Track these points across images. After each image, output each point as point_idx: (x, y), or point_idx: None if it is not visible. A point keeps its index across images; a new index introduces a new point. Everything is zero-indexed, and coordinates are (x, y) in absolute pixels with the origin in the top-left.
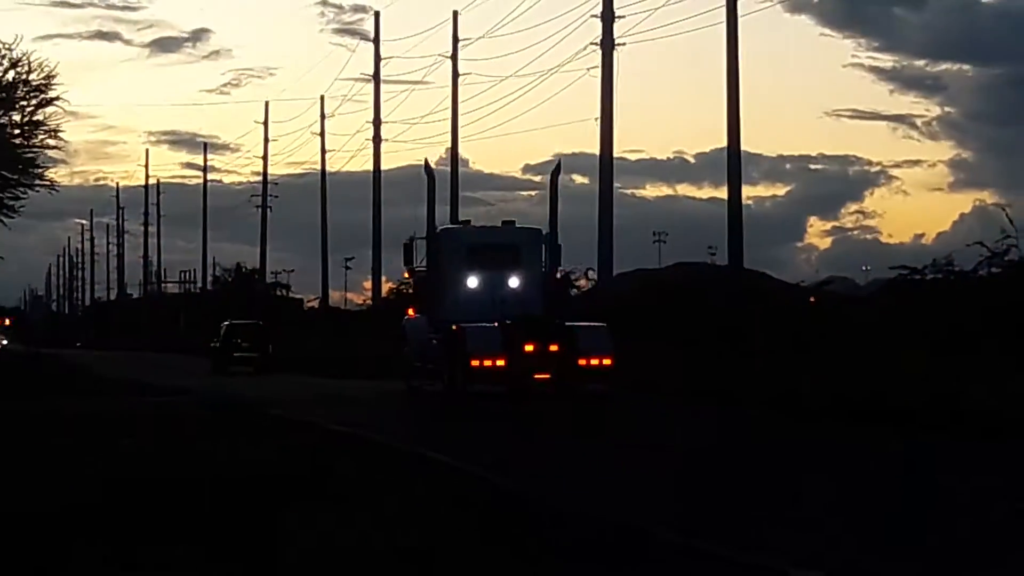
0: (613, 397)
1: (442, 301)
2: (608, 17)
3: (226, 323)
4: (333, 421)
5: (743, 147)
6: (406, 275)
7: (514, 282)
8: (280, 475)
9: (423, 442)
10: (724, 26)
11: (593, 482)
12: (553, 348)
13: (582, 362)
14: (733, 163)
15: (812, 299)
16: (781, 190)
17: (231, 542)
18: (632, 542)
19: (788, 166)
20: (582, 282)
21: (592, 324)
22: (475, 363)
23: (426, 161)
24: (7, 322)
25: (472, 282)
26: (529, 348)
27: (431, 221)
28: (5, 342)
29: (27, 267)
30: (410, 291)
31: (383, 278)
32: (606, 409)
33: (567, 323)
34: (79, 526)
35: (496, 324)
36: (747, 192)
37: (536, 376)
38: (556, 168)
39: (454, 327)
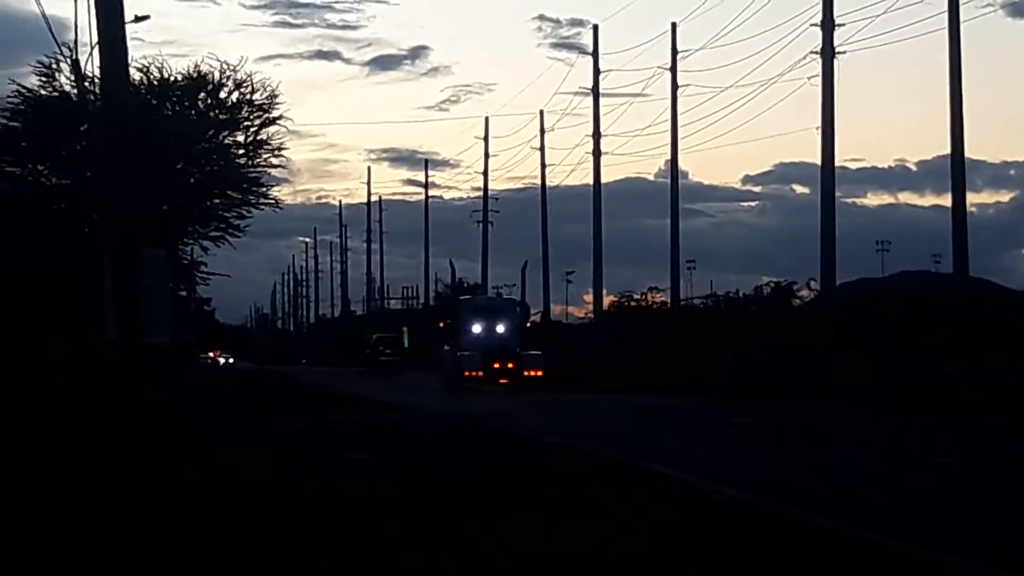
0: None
1: (459, 339)
2: (828, 25)
3: (375, 335)
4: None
5: (966, 153)
6: (441, 325)
7: (500, 329)
8: None
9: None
10: (946, 31)
11: None
12: (510, 365)
13: (526, 373)
14: (957, 169)
15: None
16: (1005, 196)
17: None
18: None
19: (1012, 172)
20: (804, 292)
21: (534, 352)
22: (467, 374)
23: (450, 261)
24: (234, 340)
25: (475, 328)
26: (496, 366)
27: (454, 292)
28: (232, 360)
29: (253, 285)
30: (632, 304)
31: (603, 291)
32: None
33: (520, 351)
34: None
35: (478, 352)
36: (971, 199)
37: (500, 380)
38: (524, 265)
39: (457, 354)
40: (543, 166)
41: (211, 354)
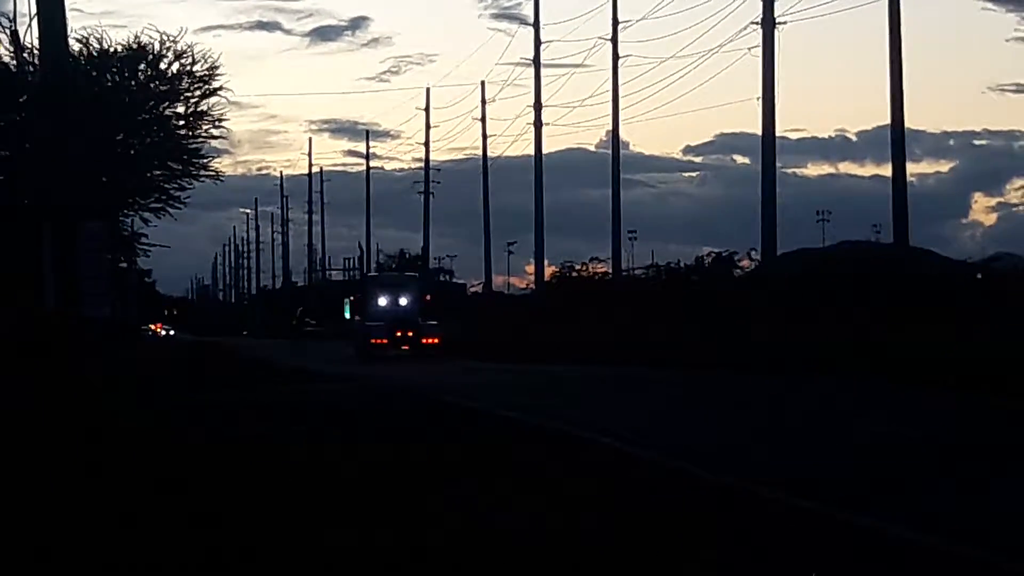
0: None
1: (366, 312)
2: None
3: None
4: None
5: (906, 124)
6: (351, 299)
7: (403, 301)
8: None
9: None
10: (886, 2)
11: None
12: (410, 334)
13: (424, 340)
14: (897, 140)
15: (979, 275)
16: (945, 167)
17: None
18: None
19: (951, 142)
20: (744, 262)
21: (431, 322)
22: (373, 341)
23: (359, 243)
24: (174, 312)
25: (381, 302)
26: (399, 334)
27: (363, 270)
28: (172, 332)
29: (194, 256)
30: (573, 274)
31: (545, 262)
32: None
33: (420, 321)
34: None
35: (383, 323)
36: (911, 169)
37: (402, 347)
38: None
39: (366, 324)
40: (484, 137)
41: (152, 326)
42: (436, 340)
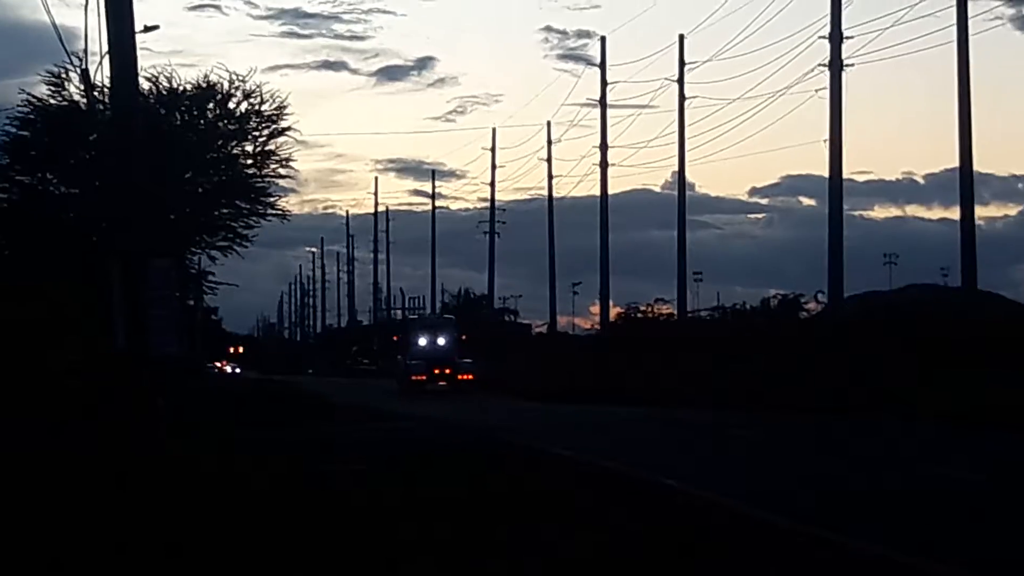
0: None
1: (408, 351)
2: (836, 37)
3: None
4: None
5: (975, 166)
6: (395, 338)
7: (441, 341)
8: None
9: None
10: (955, 44)
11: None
12: (448, 371)
13: (460, 377)
14: (965, 182)
15: None
16: (1013, 210)
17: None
18: None
19: (1020, 185)
20: (811, 305)
21: (466, 360)
22: (412, 378)
23: (400, 290)
24: (240, 350)
25: (421, 342)
26: (436, 372)
27: (404, 313)
28: (238, 370)
29: (260, 295)
30: (638, 315)
31: (611, 302)
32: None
33: (456, 360)
34: None
35: (423, 361)
36: (979, 212)
37: (440, 383)
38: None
39: (408, 362)
40: (550, 177)
41: (218, 364)
42: (471, 376)
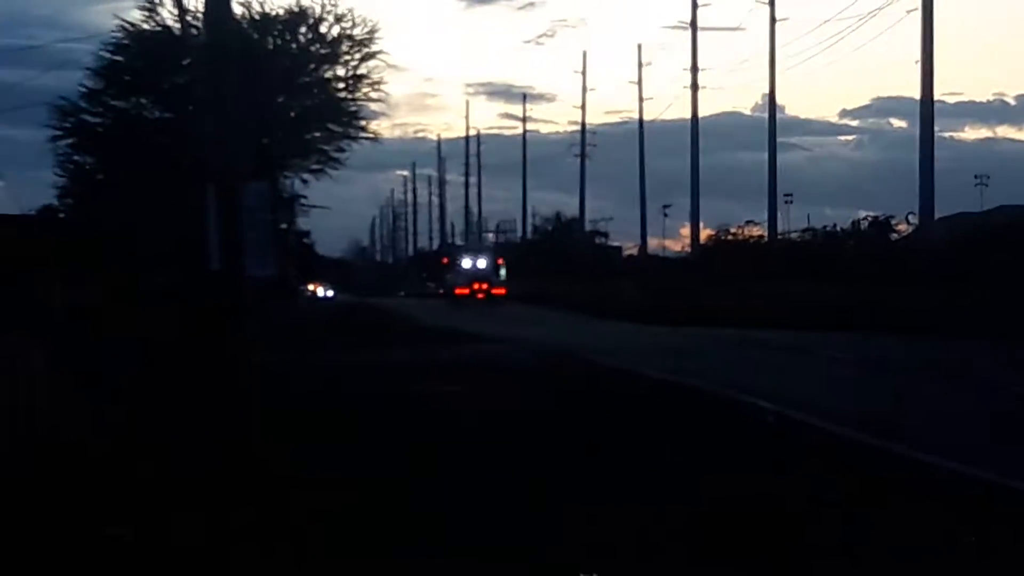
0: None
1: (454, 270)
2: None
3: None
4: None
5: None
6: (444, 261)
7: (482, 264)
8: None
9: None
10: None
11: None
12: (484, 286)
13: (495, 291)
14: None
15: None
16: None
17: None
18: None
19: None
20: (901, 226)
21: (502, 277)
22: (456, 291)
23: (452, 223)
24: (333, 272)
25: (465, 263)
26: (475, 286)
27: (443, 240)
28: (331, 293)
29: (352, 218)
30: (729, 237)
31: (701, 224)
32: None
33: (492, 277)
34: None
35: (466, 279)
36: None
37: (478, 295)
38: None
39: (453, 280)
40: (640, 100)
41: (311, 286)
42: (503, 291)
